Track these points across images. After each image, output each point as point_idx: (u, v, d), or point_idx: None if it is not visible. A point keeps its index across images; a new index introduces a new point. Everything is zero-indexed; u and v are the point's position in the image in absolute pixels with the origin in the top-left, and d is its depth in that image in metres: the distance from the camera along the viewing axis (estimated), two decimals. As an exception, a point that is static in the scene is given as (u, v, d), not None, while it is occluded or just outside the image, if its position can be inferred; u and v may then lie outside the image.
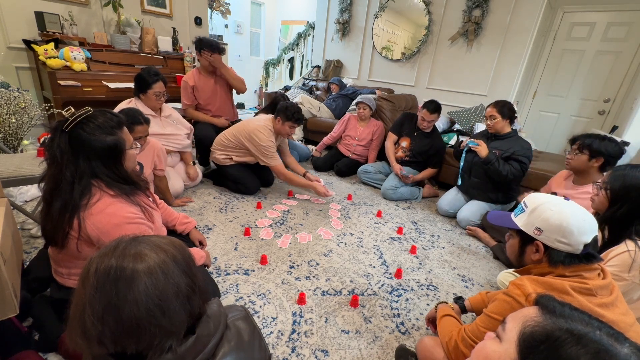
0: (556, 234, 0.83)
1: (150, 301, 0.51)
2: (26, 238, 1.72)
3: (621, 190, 1.16)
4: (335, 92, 4.23)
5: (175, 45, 3.63)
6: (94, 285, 0.50)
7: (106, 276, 0.50)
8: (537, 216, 0.86)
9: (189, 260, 0.59)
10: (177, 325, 0.53)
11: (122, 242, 0.56)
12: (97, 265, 0.52)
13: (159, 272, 0.53)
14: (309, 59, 5.81)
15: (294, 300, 1.49)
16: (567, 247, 0.82)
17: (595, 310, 0.74)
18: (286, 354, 1.23)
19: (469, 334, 0.86)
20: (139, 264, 0.52)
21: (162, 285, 0.52)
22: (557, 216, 0.83)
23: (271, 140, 2.38)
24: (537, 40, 3.53)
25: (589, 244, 0.81)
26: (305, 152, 3.52)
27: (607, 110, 3.59)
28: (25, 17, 2.74)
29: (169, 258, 0.55)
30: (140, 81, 2.15)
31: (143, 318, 0.50)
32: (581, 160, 1.72)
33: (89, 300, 0.50)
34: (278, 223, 2.18)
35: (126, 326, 0.50)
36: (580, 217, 0.83)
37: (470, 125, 3.31)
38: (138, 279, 0.51)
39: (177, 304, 0.53)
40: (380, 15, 4.27)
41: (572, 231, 0.81)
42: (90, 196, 0.96)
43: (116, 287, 0.50)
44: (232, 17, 5.38)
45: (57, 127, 0.95)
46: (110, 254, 0.53)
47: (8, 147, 2.23)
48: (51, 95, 2.63)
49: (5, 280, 0.92)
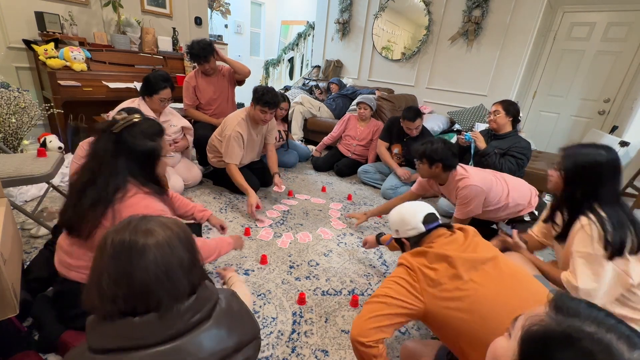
0: (402, 226, 1.15)
1: (158, 269, 0.59)
2: (26, 238, 1.72)
3: (575, 170, 1.17)
4: (335, 92, 4.23)
5: (175, 45, 3.63)
6: (110, 255, 0.59)
7: (121, 247, 0.59)
8: (390, 224, 1.22)
9: (191, 239, 0.68)
10: (180, 291, 0.62)
11: (134, 220, 0.64)
12: (113, 238, 0.60)
13: (165, 246, 0.61)
14: (309, 59, 5.80)
15: (294, 300, 1.49)
16: (414, 231, 1.11)
17: (442, 252, 0.97)
18: (286, 354, 1.23)
19: (376, 292, 1.01)
20: (149, 238, 0.61)
21: (168, 256, 0.61)
22: (394, 215, 1.19)
23: (238, 132, 2.22)
24: (537, 40, 3.54)
25: (427, 220, 1.10)
26: (306, 152, 3.52)
27: (607, 110, 3.59)
28: (25, 17, 2.74)
29: (174, 235, 0.64)
30: (148, 84, 2.13)
31: (151, 283, 0.58)
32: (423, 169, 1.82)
33: (106, 267, 0.59)
34: (278, 223, 2.18)
35: (137, 289, 0.58)
36: (407, 206, 1.18)
37: (470, 125, 3.31)
38: (148, 250, 0.59)
39: (180, 273, 0.62)
40: (380, 15, 4.27)
41: (407, 218, 1.13)
42: (126, 191, 1.05)
43: (129, 257, 0.58)
44: (232, 17, 5.38)
45: (106, 128, 1.06)
46: (124, 229, 0.62)
47: (8, 147, 2.23)
48: (51, 95, 2.63)
49: (5, 280, 0.92)
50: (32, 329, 1.19)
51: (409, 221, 1.12)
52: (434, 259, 0.97)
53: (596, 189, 1.13)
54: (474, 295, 0.88)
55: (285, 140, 3.18)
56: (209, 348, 0.62)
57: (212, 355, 0.62)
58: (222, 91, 2.82)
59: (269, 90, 2.20)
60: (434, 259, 0.97)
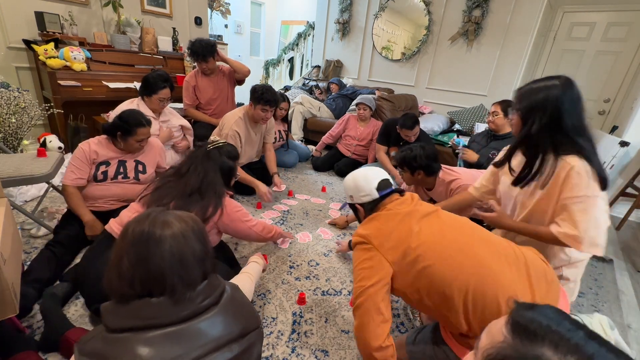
0: (355, 192, 1.14)
1: (173, 257, 0.65)
2: (26, 238, 1.72)
3: (528, 106, 1.10)
4: (335, 92, 4.23)
5: (175, 45, 3.63)
6: (130, 242, 0.65)
7: (140, 236, 0.65)
8: (345, 189, 1.21)
9: (204, 231, 0.74)
10: (192, 278, 0.67)
11: (153, 212, 0.70)
12: (134, 228, 0.66)
13: (180, 237, 0.67)
14: (309, 59, 5.81)
15: (294, 300, 1.49)
16: (368, 197, 1.11)
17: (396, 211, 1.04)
18: (286, 354, 1.23)
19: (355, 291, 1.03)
20: (166, 229, 0.66)
21: (182, 246, 0.66)
22: (348, 181, 1.18)
23: (235, 130, 2.23)
24: (537, 40, 3.54)
25: (381, 187, 1.10)
26: (305, 152, 3.52)
27: (607, 110, 3.59)
28: (25, 17, 2.74)
29: (189, 227, 0.69)
30: (147, 84, 2.12)
31: (166, 269, 0.64)
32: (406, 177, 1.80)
33: (126, 252, 0.64)
34: (278, 223, 2.18)
35: (153, 274, 0.63)
36: (361, 171, 1.17)
37: (470, 125, 3.31)
38: (164, 240, 0.65)
39: (193, 262, 0.67)
40: (380, 15, 4.27)
41: (361, 184, 1.12)
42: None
43: (147, 245, 0.64)
44: (232, 17, 5.38)
45: (203, 145, 1.40)
46: (144, 220, 0.68)
47: (8, 147, 2.23)
48: (51, 95, 2.62)
49: (5, 280, 0.92)
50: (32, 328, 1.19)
51: (363, 187, 1.12)
52: (388, 219, 1.04)
53: (558, 121, 1.05)
54: (427, 242, 0.96)
55: (285, 140, 3.18)
56: (217, 331, 0.66)
57: (220, 337, 0.66)
58: (222, 91, 2.82)
59: (268, 89, 2.21)
60: (388, 219, 1.04)
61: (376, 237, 1.00)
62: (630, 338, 1.50)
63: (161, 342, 0.60)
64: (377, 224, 1.04)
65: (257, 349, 0.76)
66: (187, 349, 0.61)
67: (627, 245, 2.46)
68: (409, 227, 0.99)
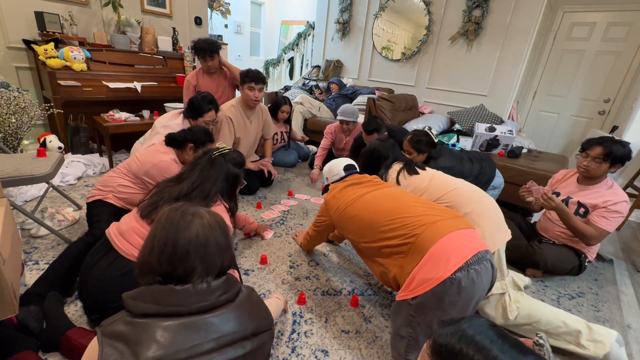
0: (329, 174, 1.62)
1: (198, 241, 0.74)
2: (26, 238, 1.72)
3: None
4: (335, 92, 4.23)
5: (175, 45, 3.63)
6: (162, 224, 0.76)
7: (172, 219, 0.76)
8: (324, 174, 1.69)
9: (227, 229, 0.83)
10: (212, 265, 0.75)
11: (185, 205, 0.82)
12: (168, 213, 0.78)
13: (207, 226, 0.77)
14: (309, 59, 5.81)
15: (294, 300, 1.49)
16: (337, 176, 1.57)
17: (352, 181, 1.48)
18: (286, 354, 1.23)
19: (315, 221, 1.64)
20: (196, 218, 0.77)
21: (207, 234, 0.76)
22: (326, 167, 1.67)
23: (228, 116, 2.28)
24: (537, 40, 3.54)
25: (347, 168, 1.58)
26: (305, 152, 3.52)
27: (607, 110, 3.59)
28: (25, 17, 2.74)
29: (215, 221, 0.80)
30: (192, 107, 2.07)
31: (192, 249, 0.73)
32: (602, 169, 1.71)
33: (159, 232, 0.75)
34: (278, 223, 2.18)
35: (179, 252, 0.72)
36: (335, 160, 1.65)
37: (470, 125, 3.30)
38: (193, 225, 0.75)
39: (215, 250, 0.76)
40: (380, 15, 4.27)
41: (333, 168, 1.61)
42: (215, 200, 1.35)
43: (177, 227, 0.75)
44: (232, 17, 5.39)
45: (208, 152, 1.43)
46: (177, 208, 0.80)
47: (8, 147, 2.23)
48: (51, 95, 2.62)
49: (4, 280, 0.92)
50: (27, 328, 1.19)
51: (334, 169, 1.60)
52: (347, 185, 1.46)
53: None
54: (366, 197, 1.33)
55: (286, 141, 3.17)
56: (231, 327, 0.71)
57: (234, 333, 0.71)
58: (223, 90, 2.81)
59: (252, 69, 2.28)
60: (346, 185, 1.45)
61: (332, 199, 1.46)
62: (630, 338, 1.49)
63: (179, 330, 0.66)
64: (338, 187, 1.47)
65: (267, 348, 0.80)
66: (202, 340, 0.67)
67: (627, 245, 2.45)
68: (354, 191, 1.39)
